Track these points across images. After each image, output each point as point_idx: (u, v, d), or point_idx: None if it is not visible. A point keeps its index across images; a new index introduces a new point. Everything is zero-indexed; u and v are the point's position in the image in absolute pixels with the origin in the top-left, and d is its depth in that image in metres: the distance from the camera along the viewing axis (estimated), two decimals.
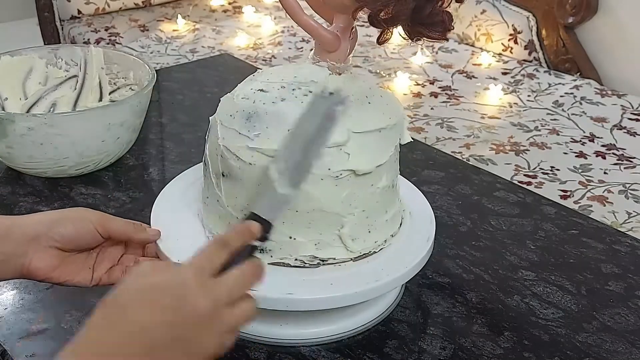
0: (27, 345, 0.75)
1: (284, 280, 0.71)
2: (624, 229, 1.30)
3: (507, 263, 0.89)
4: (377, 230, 0.76)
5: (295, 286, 0.71)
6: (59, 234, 0.70)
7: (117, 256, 0.75)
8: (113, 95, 1.15)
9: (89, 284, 0.73)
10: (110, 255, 0.75)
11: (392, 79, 2.05)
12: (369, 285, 0.72)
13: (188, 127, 1.22)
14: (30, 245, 0.69)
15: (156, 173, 1.09)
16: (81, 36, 2.43)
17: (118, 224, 0.73)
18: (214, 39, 2.38)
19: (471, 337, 0.77)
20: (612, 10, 2.07)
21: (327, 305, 0.71)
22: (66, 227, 0.71)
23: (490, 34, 2.27)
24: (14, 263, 0.69)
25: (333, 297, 0.71)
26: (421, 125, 1.80)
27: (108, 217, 0.73)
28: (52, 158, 1.00)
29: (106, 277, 0.74)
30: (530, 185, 1.53)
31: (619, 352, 0.76)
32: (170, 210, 0.81)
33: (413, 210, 0.84)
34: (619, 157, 1.68)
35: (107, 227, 0.72)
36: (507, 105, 1.93)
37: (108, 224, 0.73)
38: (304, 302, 0.71)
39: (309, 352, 0.75)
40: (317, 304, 0.71)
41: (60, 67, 1.15)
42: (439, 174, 1.09)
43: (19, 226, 0.70)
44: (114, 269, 0.74)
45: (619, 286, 0.86)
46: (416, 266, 0.76)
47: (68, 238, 0.71)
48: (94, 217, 0.73)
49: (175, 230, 0.78)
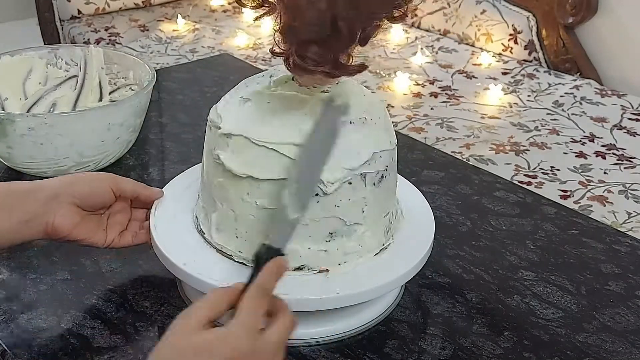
0: (27, 345, 0.75)
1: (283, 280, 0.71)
2: (624, 229, 1.30)
3: (507, 263, 0.89)
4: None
5: (295, 286, 0.71)
6: (77, 191, 0.77)
7: (126, 220, 0.82)
8: (113, 95, 1.15)
9: (103, 244, 0.79)
10: (119, 219, 0.81)
11: (392, 79, 2.05)
12: (369, 286, 0.72)
13: (188, 127, 1.22)
14: (52, 204, 0.75)
15: (156, 173, 1.09)
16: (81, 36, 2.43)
17: (128, 182, 0.81)
18: (214, 39, 2.38)
19: (471, 337, 0.77)
20: (612, 10, 2.07)
21: (327, 305, 0.71)
22: (83, 185, 0.78)
23: (490, 34, 2.27)
24: (38, 222, 0.74)
25: (333, 297, 0.71)
26: (421, 125, 1.81)
27: (119, 177, 0.81)
28: (52, 158, 1.00)
29: (118, 240, 0.80)
30: (530, 185, 1.53)
31: (619, 352, 0.76)
32: (170, 210, 0.81)
33: (413, 210, 0.84)
34: (619, 157, 1.68)
35: (119, 184, 0.80)
36: (507, 105, 1.93)
37: (120, 181, 0.80)
38: (304, 302, 0.71)
39: (309, 352, 0.75)
40: (317, 304, 0.71)
41: (60, 67, 1.15)
42: (438, 174, 1.09)
43: (39, 187, 0.76)
44: (124, 233, 0.81)
45: (619, 286, 0.86)
46: (416, 266, 0.76)
47: (85, 195, 0.77)
48: (107, 176, 0.80)
49: (175, 230, 0.78)
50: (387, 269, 0.74)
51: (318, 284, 0.72)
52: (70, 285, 0.83)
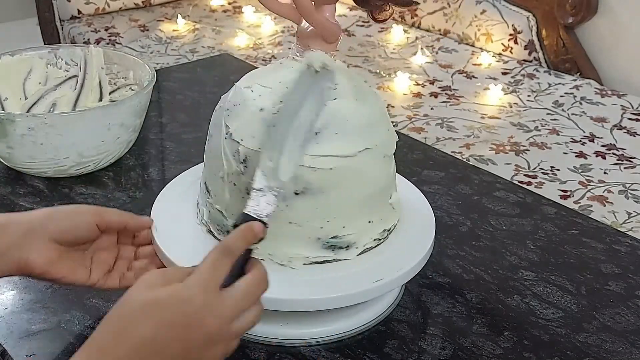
0: (27, 345, 0.75)
1: (284, 280, 0.71)
2: (623, 229, 1.30)
3: (507, 263, 0.89)
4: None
5: (295, 286, 0.71)
6: (55, 225, 0.71)
7: (112, 258, 0.75)
8: (113, 95, 1.15)
9: (86, 283, 0.73)
10: (105, 257, 0.75)
11: (392, 79, 2.05)
12: (369, 286, 0.72)
13: (188, 127, 1.22)
14: (27, 238, 0.69)
15: (156, 173, 1.09)
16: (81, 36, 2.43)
17: (114, 212, 0.75)
18: (214, 39, 2.38)
19: (471, 337, 0.77)
20: (612, 10, 2.07)
21: (327, 305, 0.71)
22: (62, 219, 0.72)
23: (490, 34, 2.27)
24: (10, 257, 0.69)
25: (333, 297, 0.71)
26: (421, 125, 1.81)
27: (103, 208, 0.75)
28: (52, 158, 1.00)
29: (103, 281, 0.74)
30: (530, 185, 1.53)
31: (618, 352, 0.76)
32: (170, 210, 0.81)
33: (413, 210, 0.84)
34: (618, 157, 1.68)
35: (104, 216, 0.73)
36: (507, 105, 1.93)
37: (104, 213, 0.74)
38: (304, 302, 0.71)
39: (309, 352, 0.75)
40: (317, 304, 0.71)
41: (60, 67, 1.15)
42: (438, 174, 1.09)
43: (15, 221, 0.70)
44: (111, 274, 0.75)
45: (618, 286, 0.86)
46: (416, 266, 0.76)
47: (64, 229, 0.71)
48: (90, 208, 0.74)
49: (175, 230, 0.78)
50: (387, 269, 0.74)
51: (318, 283, 0.72)
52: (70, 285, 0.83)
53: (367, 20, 2.52)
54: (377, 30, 2.45)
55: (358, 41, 2.37)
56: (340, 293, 0.71)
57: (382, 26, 2.47)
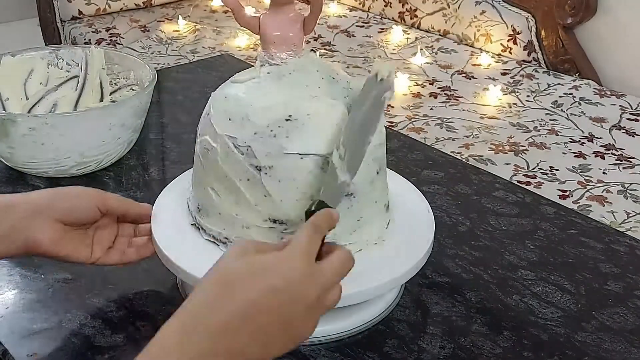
0: (28, 345, 0.75)
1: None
2: (622, 229, 1.31)
3: (507, 263, 0.90)
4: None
5: None
6: (59, 206, 0.73)
7: (112, 236, 0.79)
8: (114, 95, 1.16)
9: (88, 261, 0.76)
10: (106, 235, 0.78)
11: None
12: (369, 285, 0.72)
13: (189, 127, 1.22)
14: (33, 218, 0.72)
15: (157, 173, 1.09)
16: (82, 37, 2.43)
17: (116, 199, 0.78)
18: (215, 39, 2.38)
19: (470, 337, 0.77)
20: (611, 11, 2.07)
21: None
22: (66, 200, 0.75)
23: (489, 35, 2.27)
24: (17, 237, 0.72)
25: None
26: (421, 125, 1.81)
27: (106, 193, 0.77)
28: (53, 158, 1.01)
29: (104, 257, 0.77)
30: (530, 185, 1.53)
31: (617, 351, 0.77)
32: (170, 210, 0.81)
33: (413, 210, 0.84)
34: (617, 157, 1.69)
35: (106, 202, 0.76)
36: (506, 105, 1.93)
37: (107, 200, 0.77)
38: None
39: (309, 351, 0.75)
40: None
41: (61, 68, 1.16)
42: (438, 174, 1.09)
43: (20, 201, 0.73)
44: (111, 250, 0.78)
45: (617, 286, 0.86)
46: (416, 266, 0.76)
47: (68, 210, 0.74)
48: (93, 193, 0.77)
49: (175, 231, 0.78)
50: (387, 269, 0.74)
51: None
52: (71, 284, 0.83)
53: (367, 21, 2.52)
54: (376, 30, 2.45)
55: (358, 42, 2.37)
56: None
57: (382, 27, 2.47)
